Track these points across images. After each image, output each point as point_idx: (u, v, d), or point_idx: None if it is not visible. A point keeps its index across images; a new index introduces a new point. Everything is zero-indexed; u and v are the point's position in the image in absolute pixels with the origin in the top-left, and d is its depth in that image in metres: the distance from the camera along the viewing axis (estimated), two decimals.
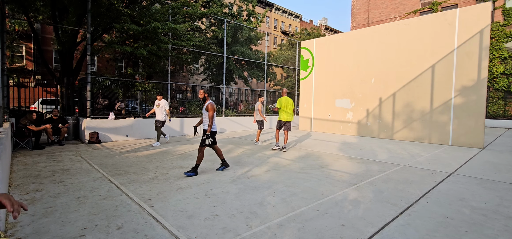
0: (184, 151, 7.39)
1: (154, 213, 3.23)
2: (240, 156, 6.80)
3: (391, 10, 23.81)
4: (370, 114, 11.46)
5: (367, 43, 11.56)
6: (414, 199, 3.82)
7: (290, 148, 8.16)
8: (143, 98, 12.82)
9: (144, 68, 15.96)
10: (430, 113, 9.73)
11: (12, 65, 20.34)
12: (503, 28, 18.48)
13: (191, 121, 11.57)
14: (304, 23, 48.61)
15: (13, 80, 15.34)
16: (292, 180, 4.72)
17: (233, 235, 2.73)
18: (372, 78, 11.32)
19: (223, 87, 13.50)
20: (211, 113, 4.91)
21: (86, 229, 2.82)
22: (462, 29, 9.08)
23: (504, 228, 2.97)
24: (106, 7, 9.24)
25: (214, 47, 16.40)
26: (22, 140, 7.30)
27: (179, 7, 10.91)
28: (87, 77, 8.86)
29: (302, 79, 14.39)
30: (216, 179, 4.70)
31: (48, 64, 14.26)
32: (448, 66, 9.35)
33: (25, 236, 2.66)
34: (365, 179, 4.84)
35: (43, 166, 5.48)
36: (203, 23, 17.54)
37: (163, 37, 10.31)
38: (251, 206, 3.47)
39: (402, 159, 6.74)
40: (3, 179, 3.27)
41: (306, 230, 2.85)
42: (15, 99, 10.63)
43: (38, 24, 20.56)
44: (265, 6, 40.34)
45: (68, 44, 11.03)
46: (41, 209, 3.30)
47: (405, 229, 2.92)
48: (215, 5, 16.51)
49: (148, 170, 5.26)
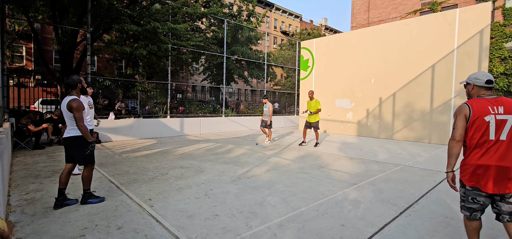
0: (184, 151, 7.39)
1: (154, 213, 3.23)
2: (240, 156, 6.80)
3: (391, 10, 23.82)
4: (370, 114, 11.46)
5: (367, 43, 11.56)
6: (414, 199, 3.82)
7: (290, 148, 8.17)
8: (143, 99, 12.82)
9: (144, 68, 15.96)
10: (430, 113, 9.73)
11: (12, 65, 20.34)
12: (503, 28, 18.48)
13: (191, 121, 11.57)
14: (304, 23, 48.61)
15: (13, 80, 15.34)
16: (292, 180, 4.72)
17: (233, 235, 2.73)
18: (372, 78, 11.32)
19: (223, 87, 13.50)
20: None
21: (86, 229, 2.82)
22: (462, 29, 9.08)
23: (504, 228, 2.96)
24: (106, 7, 9.24)
25: (214, 47, 16.40)
26: (22, 140, 7.30)
27: (179, 7, 10.91)
28: (87, 77, 8.86)
29: (302, 79, 14.39)
30: (216, 179, 4.70)
31: (48, 64, 14.27)
32: (448, 66, 9.35)
33: (25, 236, 2.66)
34: (365, 179, 4.84)
35: (43, 166, 5.48)
36: (203, 23, 17.53)
37: (163, 37, 10.30)
38: (251, 206, 3.47)
39: (402, 159, 6.74)
40: (3, 179, 3.26)
41: (306, 230, 2.85)
42: (15, 99, 10.62)
43: (38, 24, 20.55)
44: (265, 6, 40.33)
45: (68, 44, 11.02)
46: (41, 209, 3.30)
47: (405, 229, 2.92)
48: (215, 5, 16.50)
49: (148, 170, 5.26)
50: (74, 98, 3.29)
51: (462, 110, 2.14)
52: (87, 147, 3.45)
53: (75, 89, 3.39)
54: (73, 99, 3.27)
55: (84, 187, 3.52)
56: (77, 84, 3.38)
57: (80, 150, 3.41)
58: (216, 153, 7.24)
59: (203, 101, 14.82)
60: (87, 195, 3.50)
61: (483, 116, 2.06)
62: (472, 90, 2.24)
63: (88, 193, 3.53)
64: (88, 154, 3.48)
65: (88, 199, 3.49)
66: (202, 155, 6.92)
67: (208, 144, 8.70)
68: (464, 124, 2.13)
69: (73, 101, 3.25)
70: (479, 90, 2.20)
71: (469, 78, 2.27)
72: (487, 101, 2.10)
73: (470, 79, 2.26)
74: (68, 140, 3.39)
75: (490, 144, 2.04)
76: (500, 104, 2.08)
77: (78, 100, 3.28)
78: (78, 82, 3.39)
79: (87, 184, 3.52)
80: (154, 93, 12.95)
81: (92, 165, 3.57)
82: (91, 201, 3.49)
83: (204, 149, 7.75)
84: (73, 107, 3.24)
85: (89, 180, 3.53)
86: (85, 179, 3.50)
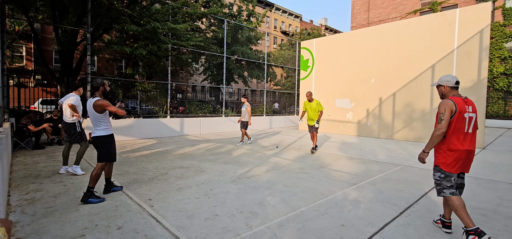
0: (184, 151, 7.39)
1: (154, 213, 3.23)
2: (240, 156, 6.80)
3: (391, 10, 23.81)
4: (370, 114, 11.46)
5: (367, 43, 11.56)
6: (414, 199, 3.82)
7: (290, 148, 8.17)
8: (143, 99, 12.82)
9: (144, 68, 15.96)
10: (430, 113, 9.73)
11: (12, 65, 20.34)
12: (503, 28, 18.48)
13: (191, 121, 11.58)
14: (304, 23, 48.61)
15: (13, 80, 15.34)
16: (292, 180, 4.72)
17: (233, 235, 2.73)
18: (372, 78, 11.32)
19: (223, 87, 13.51)
20: None
21: (86, 229, 2.82)
22: (462, 29, 9.08)
23: (504, 228, 2.97)
24: (106, 7, 9.23)
25: (214, 47, 16.39)
26: (22, 140, 7.30)
27: (179, 7, 10.90)
28: (87, 77, 8.86)
29: (302, 79, 14.40)
30: (216, 179, 4.70)
31: (48, 64, 14.27)
32: (448, 66, 9.35)
33: (25, 236, 2.66)
34: (365, 179, 4.84)
35: (43, 166, 5.48)
36: (203, 23, 17.53)
37: (163, 37, 10.30)
38: (251, 206, 3.47)
39: (402, 159, 6.74)
40: (3, 179, 3.26)
41: (306, 230, 2.85)
42: (15, 99, 10.62)
43: (38, 24, 20.56)
44: (265, 6, 40.34)
45: (68, 44, 11.02)
46: (41, 209, 3.30)
47: (405, 229, 2.92)
48: (215, 5, 16.50)
49: (148, 170, 5.26)
50: (97, 99, 3.65)
51: (450, 106, 2.61)
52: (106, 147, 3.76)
53: (98, 91, 3.75)
54: (97, 100, 3.63)
55: (89, 184, 3.62)
56: (99, 87, 3.75)
57: (101, 148, 3.74)
58: (216, 153, 7.24)
59: (203, 101, 14.83)
60: (88, 194, 3.56)
61: (463, 113, 2.60)
62: (445, 91, 2.77)
63: (91, 191, 3.59)
64: (106, 153, 3.76)
65: (89, 198, 3.53)
66: (202, 155, 6.92)
67: (208, 144, 8.70)
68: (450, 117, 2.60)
69: (98, 102, 3.62)
70: (451, 90, 2.74)
71: (441, 81, 2.79)
72: (462, 101, 2.65)
73: (442, 81, 2.78)
74: (94, 139, 3.75)
75: (467, 134, 2.63)
76: (469, 104, 2.68)
77: (101, 100, 3.65)
78: (100, 85, 3.75)
79: (93, 182, 3.63)
80: (154, 93, 12.95)
81: (105, 163, 3.77)
82: (92, 201, 3.53)
83: (204, 149, 7.75)
84: (101, 105, 3.61)
85: (96, 178, 3.66)
86: (94, 176, 3.64)
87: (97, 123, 3.72)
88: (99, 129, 3.72)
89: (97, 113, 3.66)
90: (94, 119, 3.70)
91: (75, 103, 4.96)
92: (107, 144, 3.76)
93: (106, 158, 3.76)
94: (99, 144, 3.73)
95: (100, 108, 3.62)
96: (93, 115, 3.67)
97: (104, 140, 3.73)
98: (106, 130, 3.75)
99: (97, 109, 3.63)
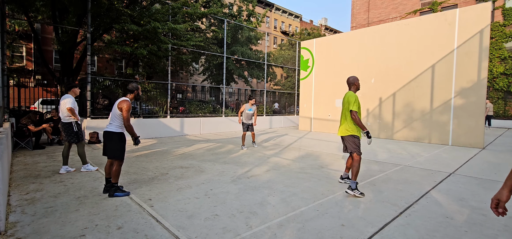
0: (184, 151, 7.40)
1: (154, 213, 3.23)
2: (240, 156, 6.80)
3: (391, 10, 23.81)
4: (370, 114, 11.46)
5: (367, 43, 11.56)
6: (414, 199, 3.82)
7: (290, 148, 8.17)
8: (143, 99, 12.81)
9: (144, 68, 15.95)
10: (430, 113, 9.73)
11: (12, 65, 20.33)
12: (503, 28, 18.47)
13: (191, 121, 11.57)
14: (304, 23, 48.61)
15: (13, 80, 15.33)
16: (292, 180, 4.73)
17: (233, 235, 2.73)
18: (372, 78, 11.32)
19: (223, 87, 13.51)
20: None
21: (86, 229, 2.82)
22: (462, 29, 9.08)
23: (504, 228, 2.97)
24: (106, 7, 9.24)
25: (214, 47, 16.39)
26: (22, 140, 7.30)
27: (179, 7, 10.90)
28: (87, 77, 8.86)
29: (302, 79, 14.39)
30: (216, 179, 4.70)
31: (48, 64, 14.26)
32: (448, 66, 9.35)
33: (25, 236, 2.66)
34: (365, 179, 4.85)
35: (43, 166, 5.48)
36: (203, 23, 17.52)
37: (163, 37, 10.31)
38: (251, 206, 3.47)
39: (402, 159, 6.74)
40: (3, 179, 3.26)
41: (306, 230, 2.85)
42: (15, 99, 10.62)
43: (38, 24, 20.56)
44: (265, 6, 40.34)
45: (68, 44, 11.02)
46: (41, 209, 3.30)
47: (405, 229, 2.92)
48: (215, 5, 16.50)
49: (148, 170, 5.26)
50: (125, 100, 3.76)
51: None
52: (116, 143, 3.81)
53: (132, 94, 3.92)
54: (124, 100, 3.75)
55: (113, 181, 3.82)
56: (134, 90, 3.93)
57: (114, 144, 3.80)
58: (216, 153, 7.24)
59: (203, 101, 14.81)
60: (114, 188, 3.78)
61: None
62: None
63: (116, 186, 3.81)
64: (117, 149, 3.81)
65: (115, 192, 3.76)
66: (202, 155, 6.92)
67: (208, 144, 8.70)
68: None
69: (124, 102, 3.72)
70: None
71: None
72: None
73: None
74: (106, 133, 3.82)
75: None
76: None
77: (128, 103, 3.75)
78: (135, 89, 3.94)
79: (116, 178, 3.81)
80: (154, 93, 12.95)
81: (121, 161, 3.87)
82: (118, 195, 3.76)
83: (204, 149, 7.75)
84: (121, 107, 3.71)
85: (117, 174, 3.82)
86: (114, 173, 3.80)
87: (114, 119, 3.80)
88: (113, 125, 3.80)
89: (117, 111, 3.76)
90: (113, 114, 3.80)
91: (72, 106, 4.98)
92: (118, 140, 3.80)
93: (117, 154, 3.80)
94: (109, 139, 3.79)
95: (120, 109, 3.72)
96: (114, 111, 3.78)
97: (113, 135, 3.78)
98: (117, 128, 3.81)
99: (119, 106, 3.73)
